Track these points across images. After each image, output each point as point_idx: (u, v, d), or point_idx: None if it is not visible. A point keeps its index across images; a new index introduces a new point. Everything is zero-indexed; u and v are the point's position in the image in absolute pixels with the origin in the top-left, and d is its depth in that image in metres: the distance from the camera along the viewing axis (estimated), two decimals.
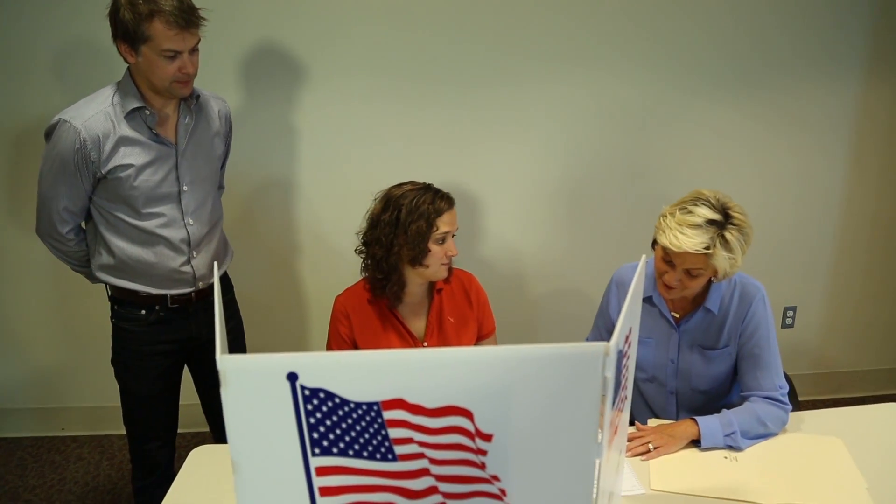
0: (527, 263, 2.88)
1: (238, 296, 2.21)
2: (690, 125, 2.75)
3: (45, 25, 2.43)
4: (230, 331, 2.11)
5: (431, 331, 1.92)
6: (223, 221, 2.08)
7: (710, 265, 1.67)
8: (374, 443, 0.94)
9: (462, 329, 1.96)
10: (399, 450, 0.95)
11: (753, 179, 2.83)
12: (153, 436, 2.05)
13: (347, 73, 2.56)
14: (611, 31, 2.61)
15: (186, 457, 1.74)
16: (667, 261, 1.72)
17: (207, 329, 2.01)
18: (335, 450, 0.94)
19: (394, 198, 1.81)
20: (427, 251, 1.79)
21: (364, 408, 0.91)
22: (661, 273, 1.75)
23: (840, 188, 2.91)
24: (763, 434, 1.74)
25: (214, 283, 1.01)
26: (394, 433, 0.94)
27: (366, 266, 1.88)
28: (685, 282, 1.72)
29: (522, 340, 2.92)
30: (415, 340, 1.91)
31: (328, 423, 0.92)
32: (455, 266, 1.94)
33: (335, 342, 1.92)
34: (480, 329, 2.00)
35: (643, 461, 1.68)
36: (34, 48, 2.46)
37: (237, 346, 2.19)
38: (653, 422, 1.83)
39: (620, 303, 1.92)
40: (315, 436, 0.92)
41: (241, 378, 0.88)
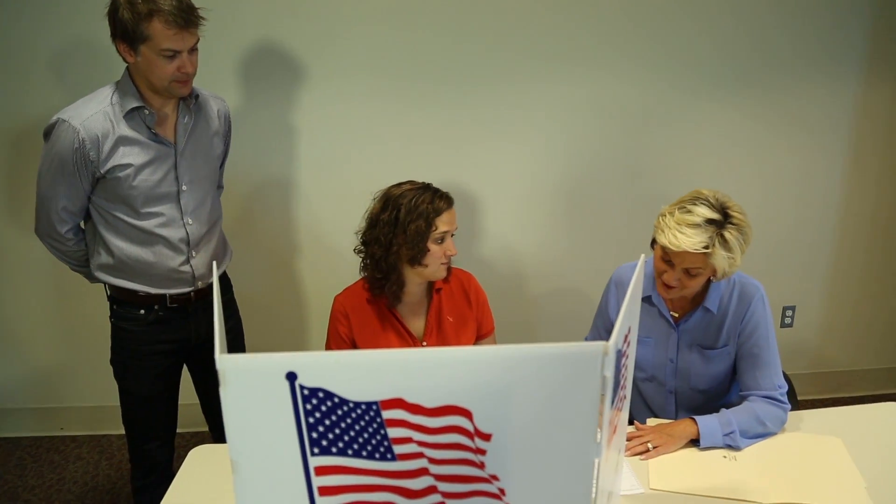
0: (526, 263, 2.88)
1: (237, 295, 2.21)
2: (690, 125, 2.75)
3: (45, 25, 2.43)
4: (229, 330, 2.11)
5: (430, 330, 1.92)
6: (222, 221, 2.08)
7: (709, 264, 1.67)
8: (374, 442, 0.94)
9: (461, 329, 1.96)
10: (398, 449, 0.95)
11: (753, 179, 2.83)
12: (152, 435, 2.05)
13: (346, 73, 2.56)
14: (610, 31, 2.61)
15: (185, 456, 1.74)
16: (666, 260, 1.72)
17: (206, 329, 2.01)
18: (334, 449, 0.94)
19: (393, 197, 1.81)
20: (426, 251, 1.79)
21: (363, 407, 0.91)
22: (661, 272, 1.75)
23: (839, 188, 2.91)
24: (762, 433, 1.74)
25: (213, 283, 1.02)
26: (393, 433, 0.94)
27: (365, 266, 1.88)
28: (684, 281, 1.72)
29: (521, 340, 2.92)
30: (414, 340, 1.91)
31: (327, 423, 0.92)
32: (454, 265, 1.94)
33: (334, 342, 1.92)
34: (479, 329, 2.00)
35: (642, 460, 1.68)
36: (33, 48, 2.45)
37: (236, 346, 2.18)
38: (652, 421, 1.83)
39: (619, 302, 1.92)
40: (314, 435, 0.92)
41: (241, 378, 0.88)
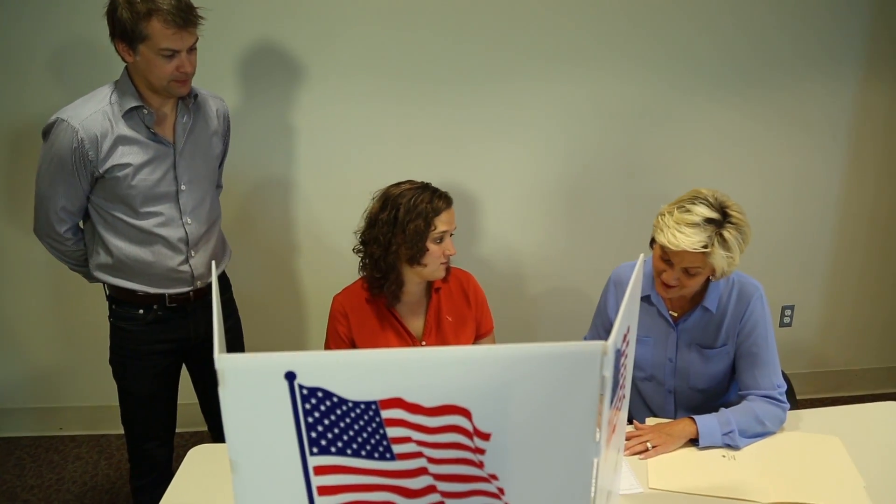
0: (525, 262, 2.88)
1: (236, 295, 2.20)
2: (689, 124, 2.75)
3: (44, 25, 2.43)
4: (228, 330, 2.11)
5: (429, 330, 1.92)
6: (221, 221, 2.08)
7: (708, 264, 1.67)
8: (373, 442, 0.94)
9: (460, 328, 1.96)
10: (397, 449, 0.95)
11: (752, 178, 2.83)
12: (151, 435, 2.05)
13: (345, 72, 2.56)
14: (610, 31, 2.61)
15: (185, 456, 1.74)
16: (665, 259, 1.72)
17: (205, 328, 2.01)
18: (333, 449, 0.94)
19: (392, 197, 1.81)
20: (425, 250, 1.79)
21: (362, 407, 0.91)
22: (660, 272, 1.75)
23: (838, 187, 2.91)
24: (761, 433, 1.74)
25: (213, 283, 1.01)
26: (392, 432, 0.94)
27: (364, 265, 1.88)
28: (683, 280, 1.72)
29: (520, 339, 2.92)
30: (413, 339, 1.91)
31: (326, 423, 0.92)
32: (453, 265, 1.94)
33: (333, 341, 1.92)
34: (479, 328, 2.00)
35: (641, 460, 1.68)
36: (33, 47, 2.45)
37: (235, 346, 2.18)
38: (651, 420, 1.83)
39: (619, 302, 1.92)
40: (313, 435, 0.92)
41: (240, 377, 0.88)
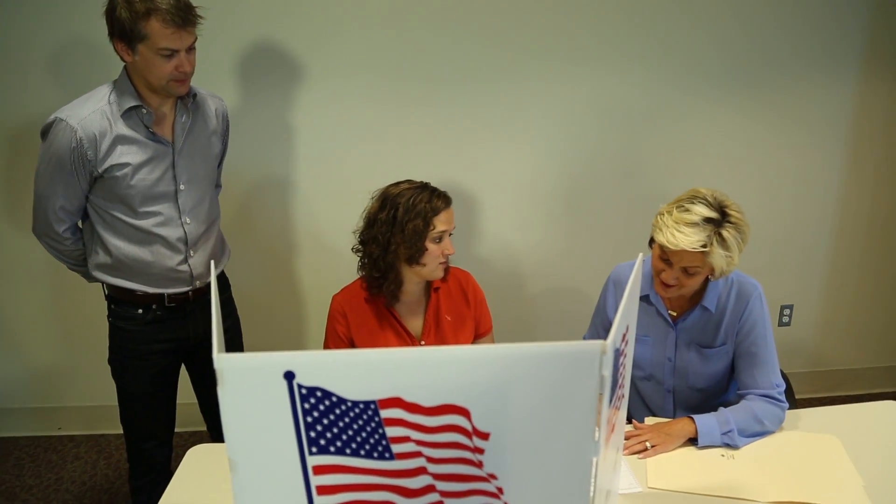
0: (524, 262, 2.88)
1: (235, 295, 2.20)
2: (688, 124, 2.75)
3: (43, 24, 2.42)
4: (227, 330, 2.11)
5: (428, 329, 1.92)
6: (220, 220, 2.08)
7: (707, 263, 1.68)
8: (372, 441, 0.94)
9: (459, 328, 1.96)
10: (396, 448, 0.95)
11: (750, 178, 2.83)
12: (150, 435, 2.05)
13: (344, 72, 2.56)
14: (609, 30, 2.61)
15: (184, 456, 1.74)
16: (664, 259, 1.72)
17: (204, 328, 2.01)
18: (332, 448, 0.94)
19: (391, 196, 1.81)
20: (424, 250, 1.79)
21: (361, 406, 0.91)
22: (659, 271, 1.75)
23: (837, 187, 2.91)
24: (760, 432, 1.74)
25: (212, 282, 1.01)
26: (391, 432, 0.94)
27: (363, 265, 1.88)
28: (682, 280, 1.72)
29: (520, 339, 2.92)
30: (412, 339, 1.91)
31: (325, 422, 0.92)
32: (452, 265, 1.94)
33: (332, 341, 1.92)
34: (477, 327, 2.00)
35: (640, 459, 1.68)
36: (32, 47, 2.45)
37: (234, 345, 2.18)
38: (650, 420, 1.83)
39: (618, 301, 1.92)
40: (312, 434, 0.92)
41: (238, 377, 0.88)
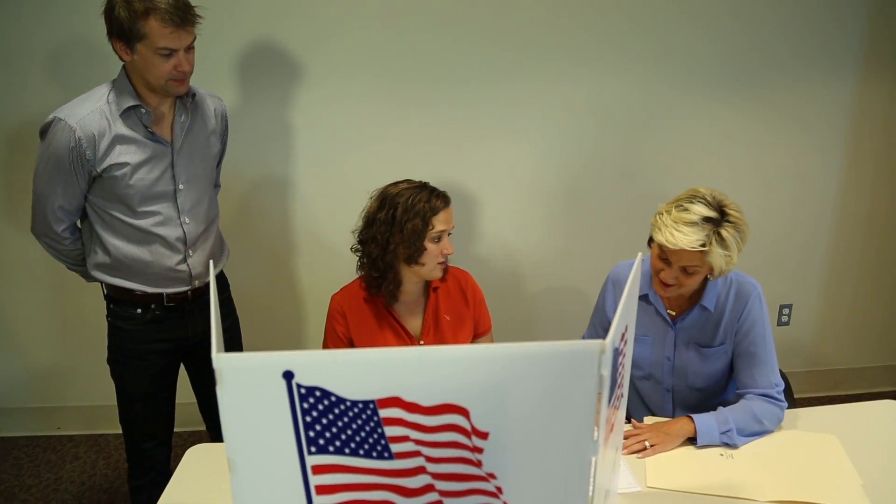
0: (523, 261, 2.88)
1: (234, 294, 2.20)
2: (687, 123, 2.75)
3: (42, 24, 2.42)
4: (226, 329, 2.11)
5: (428, 329, 1.92)
6: (219, 220, 2.08)
7: (706, 262, 1.68)
8: (371, 441, 0.94)
9: (458, 327, 1.96)
10: (395, 448, 0.95)
11: (750, 177, 2.83)
12: (150, 435, 2.05)
13: (344, 72, 2.56)
14: (608, 30, 2.61)
15: (183, 456, 1.73)
16: (663, 258, 1.72)
17: (203, 328, 2.01)
18: (331, 448, 0.94)
19: (390, 196, 1.81)
20: (423, 249, 1.79)
21: (360, 406, 0.91)
22: (658, 271, 1.75)
23: (836, 186, 2.91)
24: (759, 431, 1.74)
25: (211, 282, 1.01)
26: (390, 431, 0.94)
27: (362, 264, 1.88)
28: (681, 279, 1.72)
29: (519, 338, 2.91)
30: (411, 339, 1.91)
31: (324, 422, 0.92)
32: (451, 264, 1.94)
33: (331, 340, 1.92)
34: (476, 327, 2.00)
35: (639, 459, 1.68)
36: (31, 46, 2.44)
37: (233, 345, 2.18)
38: (649, 419, 1.83)
39: (617, 301, 1.92)
40: (311, 434, 0.92)
41: (237, 376, 0.88)
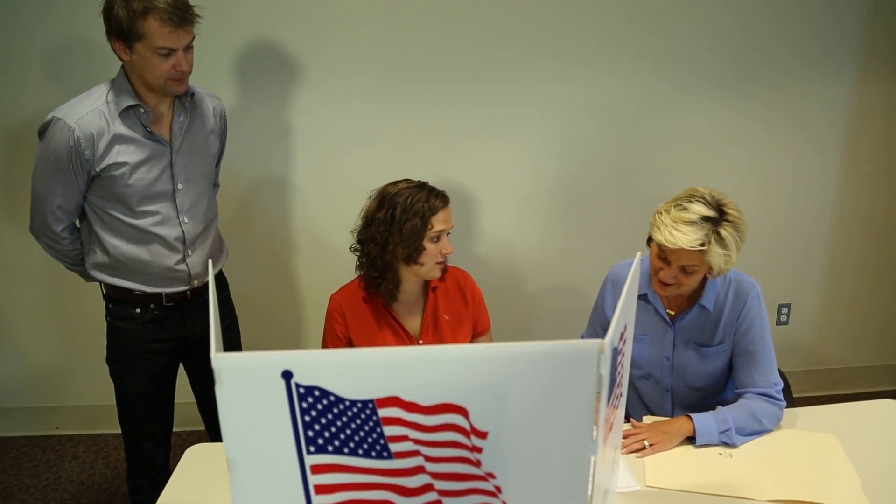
0: (522, 261, 2.88)
1: (233, 294, 2.20)
2: (686, 123, 2.75)
3: (41, 23, 2.42)
4: (225, 329, 2.11)
5: (427, 329, 1.92)
6: (218, 219, 2.08)
7: (705, 262, 1.68)
8: (370, 440, 0.94)
9: (457, 327, 1.96)
10: (394, 447, 0.95)
11: (749, 177, 2.83)
12: (149, 434, 2.05)
13: (343, 71, 2.56)
14: (607, 29, 2.61)
15: (182, 455, 1.73)
16: (662, 258, 1.72)
17: (202, 327, 2.01)
18: (330, 448, 0.94)
19: (389, 196, 1.81)
20: (422, 249, 1.79)
21: (359, 405, 0.91)
22: (657, 270, 1.75)
23: (835, 186, 2.91)
24: (758, 431, 1.74)
25: (210, 282, 1.01)
26: (389, 431, 0.94)
27: (361, 264, 1.88)
28: (680, 279, 1.72)
29: (518, 338, 2.91)
30: (410, 338, 1.91)
31: (323, 421, 0.92)
32: (450, 264, 1.94)
33: (330, 340, 1.92)
34: (476, 327, 2.00)
35: (638, 458, 1.68)
36: (30, 46, 2.44)
37: (232, 345, 2.18)
38: (648, 419, 1.83)
39: (616, 300, 1.92)
40: (310, 434, 0.92)
41: (236, 376, 0.88)
